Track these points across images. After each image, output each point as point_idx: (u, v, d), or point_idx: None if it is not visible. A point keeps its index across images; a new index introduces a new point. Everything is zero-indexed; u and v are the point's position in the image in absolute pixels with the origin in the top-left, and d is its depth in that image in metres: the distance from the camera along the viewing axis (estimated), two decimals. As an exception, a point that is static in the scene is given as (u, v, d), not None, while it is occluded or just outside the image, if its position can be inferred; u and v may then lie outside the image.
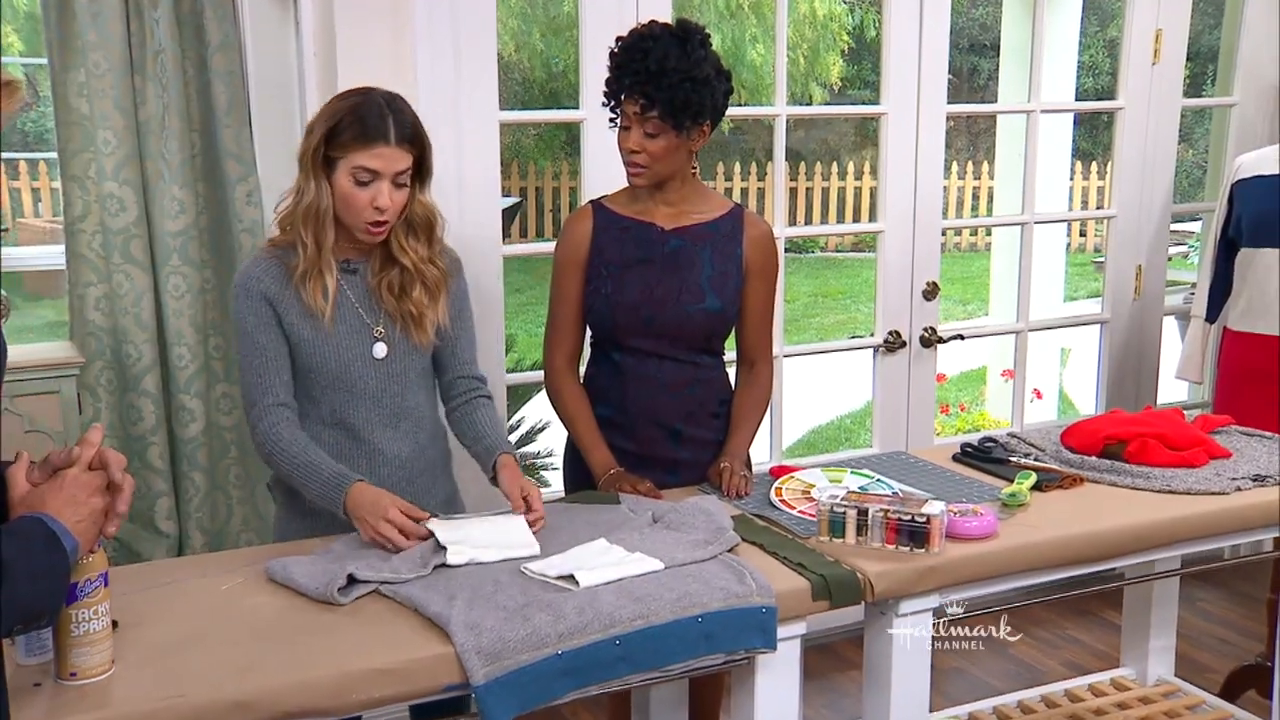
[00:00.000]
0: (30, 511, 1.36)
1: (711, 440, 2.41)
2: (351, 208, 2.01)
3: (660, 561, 1.84)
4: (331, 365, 2.08)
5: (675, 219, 2.36)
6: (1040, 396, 5.84)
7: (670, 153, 2.25)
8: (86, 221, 2.72)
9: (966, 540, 2.01)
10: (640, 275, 2.35)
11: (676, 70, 2.17)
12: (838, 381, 7.24)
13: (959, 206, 12.61)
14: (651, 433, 2.38)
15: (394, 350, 2.13)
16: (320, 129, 2.00)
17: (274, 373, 2.05)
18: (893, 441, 3.52)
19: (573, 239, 2.40)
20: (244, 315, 2.05)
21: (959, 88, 13.24)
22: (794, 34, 12.01)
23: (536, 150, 13.28)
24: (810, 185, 12.79)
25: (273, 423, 2.04)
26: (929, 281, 3.48)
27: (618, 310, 2.35)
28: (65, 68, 2.65)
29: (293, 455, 2.01)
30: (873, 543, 1.97)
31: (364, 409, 2.12)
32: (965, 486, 2.32)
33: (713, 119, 2.27)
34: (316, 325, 2.06)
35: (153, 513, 2.82)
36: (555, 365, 2.42)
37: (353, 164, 1.98)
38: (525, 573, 1.82)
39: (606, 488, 2.27)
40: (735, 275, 2.36)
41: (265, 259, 2.07)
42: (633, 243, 2.36)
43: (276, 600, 1.77)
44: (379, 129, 1.98)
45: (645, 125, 2.22)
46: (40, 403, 2.78)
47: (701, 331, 2.36)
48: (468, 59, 2.83)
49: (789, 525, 2.09)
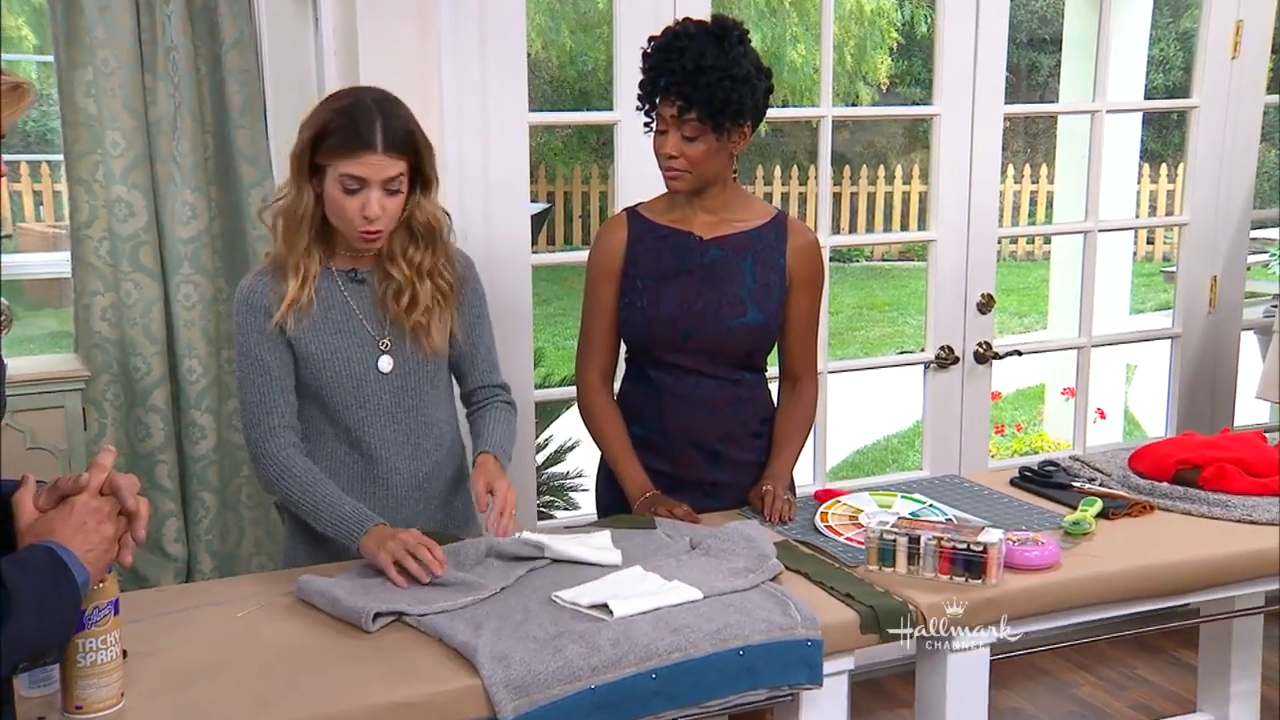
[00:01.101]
0: (38, 540, 1.37)
1: (752, 462, 2.42)
2: (342, 215, 2.04)
3: (699, 590, 1.84)
4: (344, 381, 2.10)
5: (715, 227, 2.37)
6: (1104, 417, 5.80)
7: (710, 156, 2.26)
8: (93, 227, 2.76)
9: (1026, 571, 2.00)
10: (678, 287, 2.35)
11: (714, 68, 2.18)
12: (885, 399, 7.21)
13: (1015, 213, 12.56)
14: (689, 454, 2.39)
15: (403, 363, 2.14)
16: (307, 133, 2.02)
17: (279, 392, 2.07)
18: (944, 464, 3.50)
19: (606, 249, 2.41)
20: (245, 330, 2.07)
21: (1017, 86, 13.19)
22: (839, 31, 12.02)
23: (565, 153, 13.34)
24: (855, 190, 12.78)
25: (281, 445, 2.05)
26: (984, 293, 3.47)
27: (654, 324, 2.35)
28: (72, 65, 2.69)
29: (306, 485, 2.02)
30: (925, 572, 1.96)
31: (379, 427, 2.13)
32: (1024, 513, 2.31)
33: (753, 119, 2.28)
34: (327, 338, 2.07)
35: (160, 535, 2.85)
36: (588, 382, 2.44)
37: (339, 172, 2.00)
38: (556, 601, 1.82)
39: (642, 511, 2.27)
40: (778, 287, 2.37)
41: (265, 273, 2.09)
42: (670, 253, 2.37)
43: (294, 628, 1.78)
44: (366, 136, 1.99)
45: (683, 128, 2.23)
46: (43, 418, 2.81)
47: (742, 347, 2.37)
48: (495, 57, 2.85)
49: (835, 553, 2.09)
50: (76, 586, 1.36)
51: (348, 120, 2.00)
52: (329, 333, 2.08)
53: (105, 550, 1.41)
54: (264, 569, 2.92)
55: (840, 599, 1.89)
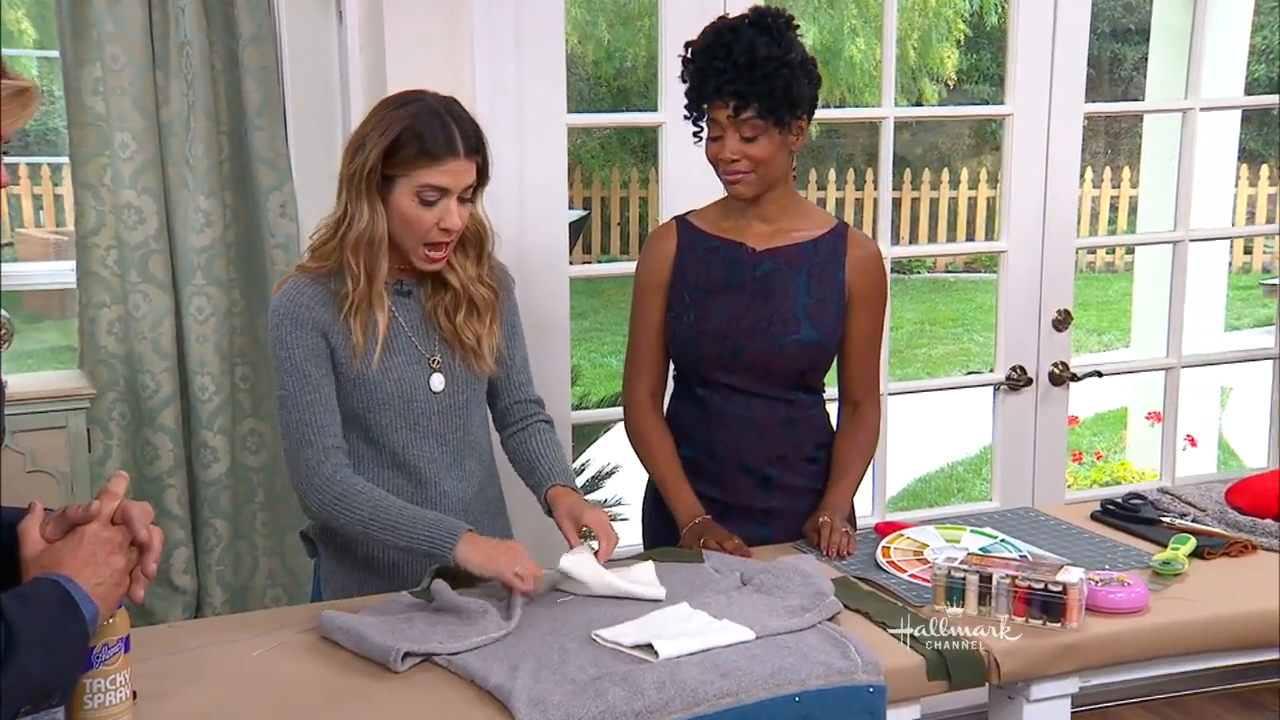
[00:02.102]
0: (45, 573, 1.38)
1: (806, 488, 2.42)
2: (414, 230, 2.05)
3: (750, 630, 1.84)
4: (394, 402, 2.12)
5: (769, 238, 2.38)
6: (1195, 445, 5.73)
7: (774, 154, 2.28)
8: (100, 234, 2.81)
9: (1111, 615, 1.98)
10: (728, 301, 2.37)
11: (769, 58, 2.20)
12: (950, 423, 7.18)
13: (1094, 220, 12.47)
14: (738, 478, 2.40)
15: (453, 381, 2.17)
16: (376, 145, 2.02)
17: (328, 410, 2.08)
18: (1016, 495, 3.48)
19: (654, 259, 2.43)
20: (290, 346, 2.07)
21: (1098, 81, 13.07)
22: (902, 23, 12.01)
23: (602, 156, 13.39)
24: (917, 196, 12.74)
25: (336, 465, 2.06)
26: (1060, 309, 3.46)
27: (701, 340, 2.37)
28: (79, 61, 2.74)
29: (376, 502, 2.03)
30: (998, 614, 1.95)
31: (427, 448, 2.16)
32: (1107, 551, 2.29)
33: (809, 112, 2.30)
34: (377, 357, 2.10)
35: (168, 565, 2.88)
36: (636, 399, 2.46)
37: (418, 183, 2.02)
38: (597, 641, 1.83)
39: (690, 539, 2.28)
40: (835, 302, 2.38)
41: (309, 284, 2.10)
42: (720, 264, 2.38)
43: (316, 668, 1.80)
44: (447, 142, 2.02)
45: (741, 129, 2.25)
46: (44, 439, 2.84)
47: (795, 366, 2.38)
48: (532, 54, 2.88)
49: (899, 591, 2.08)
50: (84, 623, 1.37)
51: (423, 126, 2.01)
52: (377, 351, 2.10)
53: (116, 584, 1.42)
54: (279, 603, 2.94)
55: (905, 642, 1.88)
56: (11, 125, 1.39)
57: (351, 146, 2.07)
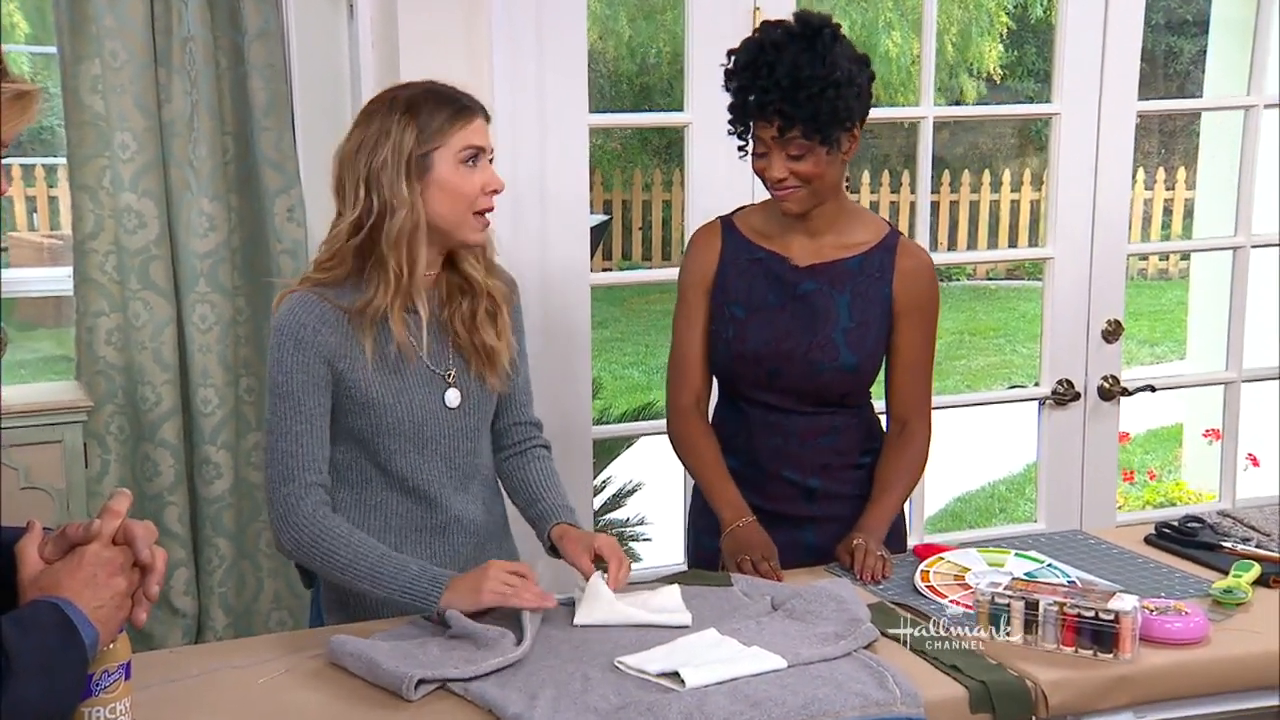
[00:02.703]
0: (43, 595, 1.39)
1: (851, 494, 2.45)
2: (465, 198, 2.07)
3: (782, 658, 1.84)
4: (406, 424, 2.12)
5: (814, 253, 2.40)
6: (1256, 464, 5.69)
7: (824, 170, 2.29)
8: (99, 239, 2.83)
9: (1167, 646, 1.97)
10: (766, 321, 2.39)
11: (814, 79, 2.20)
12: (992, 440, 7.16)
13: (1146, 224, 12.42)
14: (781, 489, 2.43)
15: (468, 398, 2.17)
16: (404, 126, 2.03)
17: (318, 445, 2.08)
18: (1063, 516, 3.47)
19: (698, 261, 2.46)
20: (290, 370, 2.05)
21: (1151, 76, 12.96)
22: (941, 16, 12.00)
23: (623, 157, 13.41)
24: (956, 199, 12.73)
25: (315, 504, 2.06)
26: (1110, 319, 3.44)
27: (737, 362, 2.41)
28: (77, 58, 2.77)
29: (355, 547, 2.02)
30: (1045, 643, 1.94)
31: (437, 470, 2.16)
32: (1163, 577, 2.28)
33: (862, 119, 2.31)
34: (387, 379, 2.09)
35: (168, 586, 2.89)
36: (680, 405, 2.48)
37: (459, 146, 2.05)
38: (620, 668, 1.83)
39: (730, 546, 2.30)
40: (878, 323, 2.40)
41: (315, 301, 2.07)
42: (762, 279, 2.41)
43: (324, 697, 1.80)
44: (467, 102, 2.08)
45: (787, 148, 2.26)
46: (39, 454, 2.86)
47: (833, 391, 2.41)
48: (553, 50, 2.89)
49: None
50: (84, 648, 1.38)
51: (437, 94, 2.07)
52: (387, 372, 2.09)
53: (117, 607, 1.43)
54: (284, 626, 2.95)
55: (945, 671, 1.88)
56: (12, 130, 1.40)
57: (359, 147, 2.05)
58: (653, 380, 8.71)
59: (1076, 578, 2.20)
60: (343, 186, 2.08)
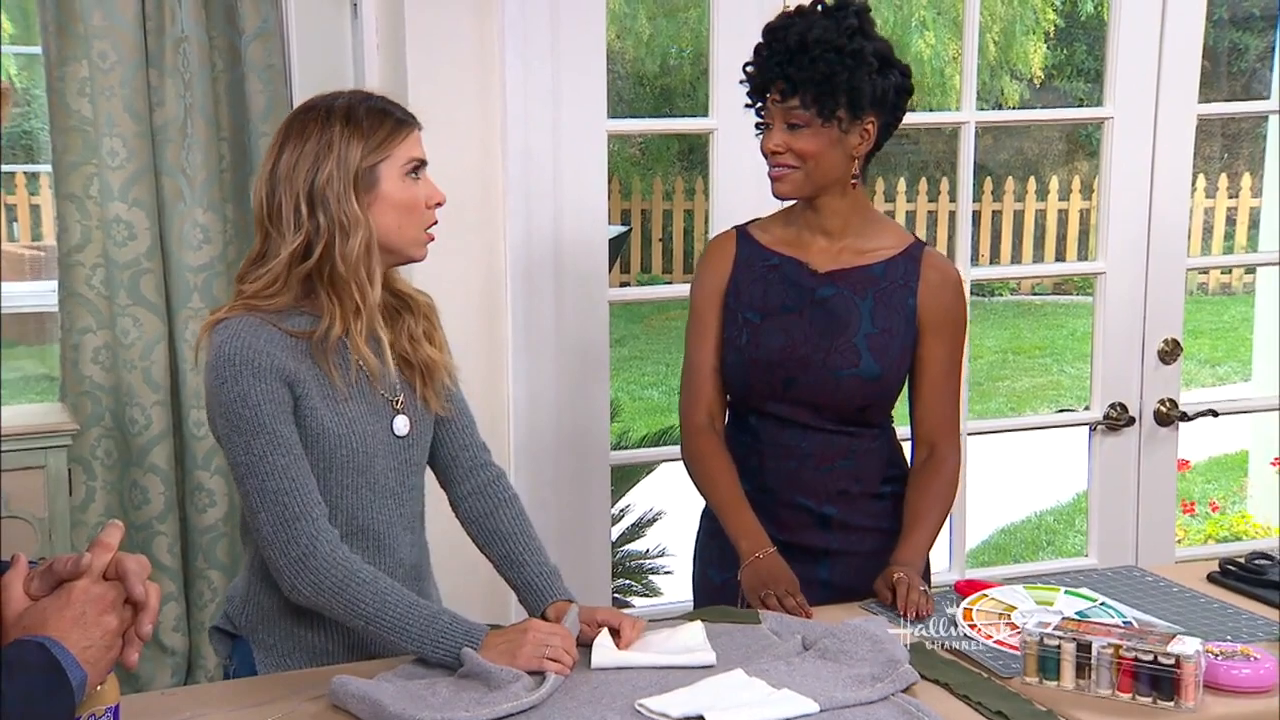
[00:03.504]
0: (28, 634, 1.39)
1: (871, 527, 2.44)
2: (414, 213, 2.07)
3: (814, 701, 1.84)
4: (358, 457, 2.09)
5: (834, 258, 2.41)
6: (1327, 494, 5.67)
7: (821, 152, 2.30)
8: (86, 251, 2.85)
9: (1234, 693, 1.95)
10: (782, 326, 2.39)
11: (821, 42, 2.25)
12: (1038, 467, 7.14)
13: (1207, 236, 12.37)
14: (794, 516, 2.43)
15: (416, 424, 2.15)
16: (347, 139, 2.01)
17: (308, 475, 2.03)
18: (1116, 551, 3.46)
19: (711, 272, 2.48)
20: (257, 402, 1.99)
21: (1212, 75, 12.88)
22: (983, 14, 12.03)
23: (642, 163, 13.43)
24: (999, 208, 12.71)
25: (334, 545, 2.01)
26: (1168, 338, 3.43)
27: (751, 369, 2.40)
28: (64, 59, 2.79)
29: (381, 595, 1.99)
30: (1099, 689, 1.93)
31: (386, 507, 2.13)
32: (1228, 619, 2.27)
33: (878, 114, 2.32)
34: (339, 407, 2.06)
35: (157, 623, 2.89)
36: (694, 423, 2.48)
37: (403, 159, 2.05)
38: (641, 712, 1.83)
39: (750, 580, 2.29)
40: (903, 333, 2.39)
41: (259, 324, 2.02)
42: (779, 284, 2.41)
43: (323, 740, 1.81)
44: (404, 113, 2.08)
45: (788, 116, 2.29)
46: (20, 480, 2.88)
47: (853, 402, 2.40)
48: (569, 51, 2.90)
49: (983, 660, 2.07)
50: (71, 691, 1.38)
51: (376, 104, 2.06)
52: (339, 399, 2.06)
53: (107, 647, 1.43)
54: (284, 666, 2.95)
55: (990, 718, 1.87)
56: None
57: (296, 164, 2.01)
58: (674, 402, 8.60)
59: (1133, 618, 2.19)
60: (277, 210, 2.01)
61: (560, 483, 3.00)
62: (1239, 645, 2.04)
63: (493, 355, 2.93)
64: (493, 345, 2.93)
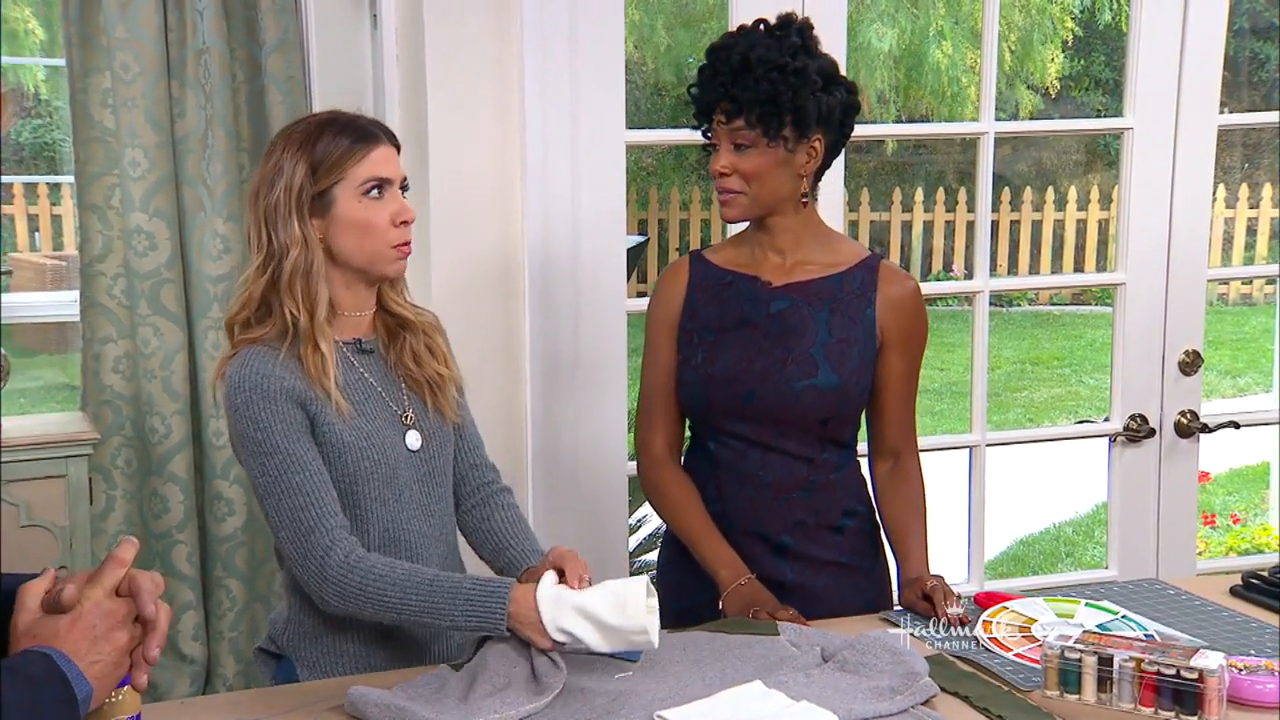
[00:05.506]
0: (37, 645, 1.39)
1: (828, 560, 2.43)
2: (375, 232, 2.08)
3: (833, 714, 1.83)
4: (383, 468, 2.12)
5: (787, 273, 2.41)
6: (1352, 506, 5.65)
7: (767, 172, 2.31)
8: (107, 262, 2.86)
9: (1258, 708, 1.94)
10: (738, 341, 2.39)
11: (764, 61, 2.24)
12: (1056, 478, 7.12)
13: (1227, 246, 12.33)
14: (751, 544, 2.41)
15: (429, 438, 2.18)
16: (296, 162, 2.05)
17: (324, 489, 2.06)
18: (1137, 563, 3.44)
19: (663, 298, 2.48)
20: (268, 425, 2.04)
21: (1233, 85, 12.86)
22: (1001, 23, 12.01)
23: (659, 173, 13.44)
24: (1017, 218, 12.68)
25: (348, 548, 2.03)
26: (1188, 349, 3.42)
27: (709, 385, 2.39)
28: (86, 71, 2.80)
29: (401, 582, 2.00)
30: (1121, 703, 1.92)
31: (415, 518, 2.16)
32: (1252, 633, 2.26)
33: (824, 132, 2.32)
34: (352, 423, 2.10)
35: (175, 631, 2.90)
36: (652, 452, 2.48)
37: (358, 180, 2.06)
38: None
39: (734, 605, 2.28)
40: (862, 344, 2.38)
41: (265, 351, 2.08)
42: (734, 300, 2.41)
43: (342, 751, 1.81)
44: (367, 130, 2.09)
45: (735, 137, 2.29)
46: (41, 489, 2.89)
47: (813, 414, 2.38)
48: (588, 62, 2.90)
49: (1003, 673, 2.06)
50: (75, 706, 1.37)
51: (338, 125, 2.08)
52: (352, 414, 2.10)
53: (115, 663, 1.42)
54: (301, 676, 2.95)
55: (1012, 731, 1.87)
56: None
57: (261, 182, 2.08)
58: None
59: (1155, 631, 2.18)
60: (247, 230, 2.11)
61: (577, 492, 3.00)
62: (1263, 660, 2.03)
63: (510, 366, 2.93)
64: (510, 356, 2.93)
